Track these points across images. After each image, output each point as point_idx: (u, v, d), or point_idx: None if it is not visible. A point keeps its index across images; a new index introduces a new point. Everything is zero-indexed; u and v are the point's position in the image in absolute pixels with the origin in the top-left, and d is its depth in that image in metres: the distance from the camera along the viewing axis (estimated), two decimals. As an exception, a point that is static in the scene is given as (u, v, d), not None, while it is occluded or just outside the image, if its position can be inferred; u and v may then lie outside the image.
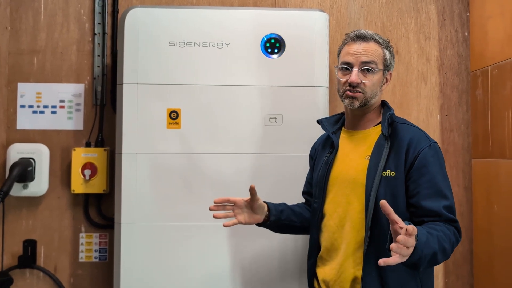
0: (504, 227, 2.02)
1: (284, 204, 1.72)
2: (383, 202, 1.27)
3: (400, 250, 1.22)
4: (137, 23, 2.00)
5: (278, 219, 1.65)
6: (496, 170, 2.09)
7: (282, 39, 2.02)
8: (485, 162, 2.19)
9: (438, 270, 2.32)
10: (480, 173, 2.23)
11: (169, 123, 1.99)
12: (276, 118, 2.01)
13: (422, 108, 2.35)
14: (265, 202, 1.65)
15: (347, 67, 1.56)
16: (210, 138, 1.99)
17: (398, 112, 2.33)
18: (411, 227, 1.23)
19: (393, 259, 1.23)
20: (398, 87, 2.35)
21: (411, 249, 1.24)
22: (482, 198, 2.21)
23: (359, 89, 1.54)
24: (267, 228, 1.68)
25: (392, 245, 1.22)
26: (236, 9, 2.08)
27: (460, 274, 2.32)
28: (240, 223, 1.58)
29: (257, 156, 2.00)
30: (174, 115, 1.99)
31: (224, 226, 1.56)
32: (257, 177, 1.98)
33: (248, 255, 1.99)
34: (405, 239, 1.22)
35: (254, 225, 1.64)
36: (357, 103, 1.55)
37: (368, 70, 1.54)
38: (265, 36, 2.02)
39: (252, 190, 1.57)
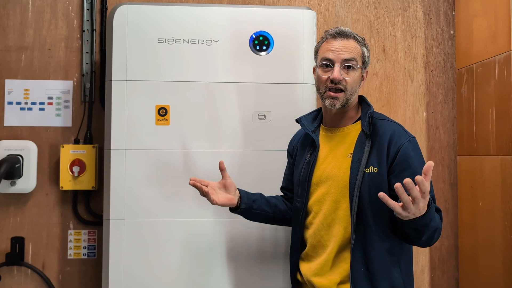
0: (488, 222, 2.06)
1: (260, 194, 1.75)
2: (381, 194, 1.28)
3: (412, 190, 1.25)
4: (125, 20, 2.00)
5: (250, 207, 1.69)
6: (481, 166, 2.13)
7: (270, 36, 2.04)
8: (470, 159, 2.22)
9: (424, 265, 2.35)
10: (465, 169, 2.27)
11: (158, 120, 2.00)
12: (264, 115, 2.03)
13: (409, 105, 2.38)
14: (238, 189, 1.69)
15: (328, 64, 1.56)
16: (199, 135, 2.00)
17: (384, 110, 2.36)
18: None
19: (397, 207, 1.28)
20: (385, 84, 2.37)
21: (415, 209, 1.28)
22: (467, 194, 2.25)
23: (341, 86, 1.55)
24: (240, 214, 1.71)
25: (397, 184, 1.26)
26: (225, 6, 2.09)
27: (445, 268, 2.36)
28: (214, 203, 1.61)
29: (246, 153, 2.01)
30: (162, 112, 2.00)
31: (192, 185, 1.63)
32: (245, 174, 1.99)
33: (238, 251, 2.00)
34: (422, 182, 1.25)
35: (230, 213, 1.71)
36: (338, 104, 1.56)
37: (349, 67, 1.55)
38: (254, 34, 2.03)
39: (221, 165, 1.65)
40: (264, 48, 2.03)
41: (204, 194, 1.62)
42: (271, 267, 2.01)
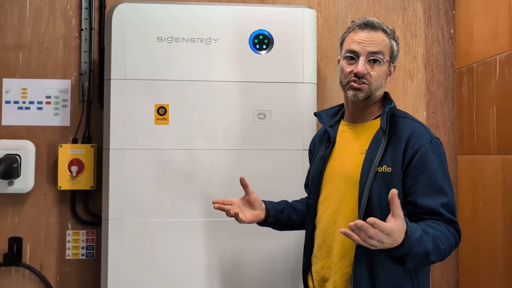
0: (489, 222, 2.05)
1: (285, 202, 1.68)
2: (394, 191, 1.19)
3: (359, 233, 1.16)
4: (124, 18, 1.98)
5: (278, 219, 1.62)
6: (481, 166, 2.12)
7: (270, 35, 2.03)
8: (471, 158, 2.22)
9: (424, 265, 2.34)
10: (466, 169, 2.26)
11: (157, 119, 1.98)
12: (264, 114, 2.02)
13: (409, 105, 2.37)
14: (263, 201, 1.62)
15: (353, 56, 1.46)
16: (199, 134, 1.99)
17: (385, 109, 2.35)
18: (378, 223, 1.16)
19: (354, 238, 1.17)
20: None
21: (379, 244, 1.18)
22: (467, 194, 2.24)
23: (364, 80, 1.45)
24: (269, 227, 1.64)
25: (351, 224, 1.16)
26: (224, 5, 2.08)
27: (445, 269, 2.35)
28: (242, 222, 1.53)
29: (245, 152, 2.00)
30: (162, 111, 1.99)
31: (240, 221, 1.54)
32: (245, 173, 1.96)
33: (239, 252, 1.99)
34: (363, 225, 1.15)
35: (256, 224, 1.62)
36: (361, 95, 1.46)
37: (375, 60, 1.45)
38: (254, 32, 2.02)
39: (242, 181, 1.55)
40: (264, 47, 2.02)
41: (232, 215, 1.52)
42: (274, 268, 1.99)
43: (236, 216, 1.52)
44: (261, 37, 2.02)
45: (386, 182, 1.40)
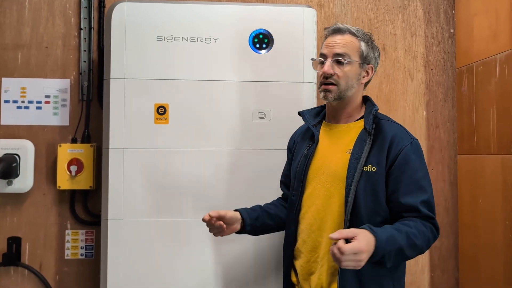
0: (489, 222, 2.05)
1: (259, 207, 1.73)
2: (332, 236, 1.33)
3: (336, 259, 1.31)
4: (124, 17, 1.98)
5: (254, 227, 1.68)
6: (481, 165, 2.12)
7: (270, 34, 2.02)
8: (470, 158, 2.22)
9: (424, 265, 2.34)
10: (466, 168, 2.26)
11: (157, 119, 1.98)
12: (264, 114, 2.01)
13: (409, 104, 2.37)
14: (238, 210, 1.67)
15: (323, 60, 1.58)
16: (198, 134, 1.98)
17: (384, 108, 2.35)
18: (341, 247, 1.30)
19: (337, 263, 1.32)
20: (385, 83, 2.36)
21: (360, 263, 1.31)
22: (467, 193, 2.24)
23: (332, 81, 1.55)
24: (246, 234, 1.70)
25: (331, 251, 1.31)
26: (224, 4, 2.07)
27: (445, 268, 2.35)
28: (222, 235, 1.63)
29: (245, 152, 2.00)
30: (161, 110, 1.98)
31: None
32: (245, 173, 1.98)
33: (238, 252, 1.98)
34: (335, 254, 1.30)
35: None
36: (331, 96, 1.56)
37: (340, 61, 1.55)
38: (253, 32, 2.02)
39: (209, 221, 1.60)
40: (264, 46, 2.02)
41: (222, 231, 1.61)
42: (268, 267, 2.00)
43: (219, 235, 1.63)
44: (261, 36, 2.02)
45: (371, 181, 1.49)
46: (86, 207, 2.24)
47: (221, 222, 1.58)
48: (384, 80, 2.36)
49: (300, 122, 1.85)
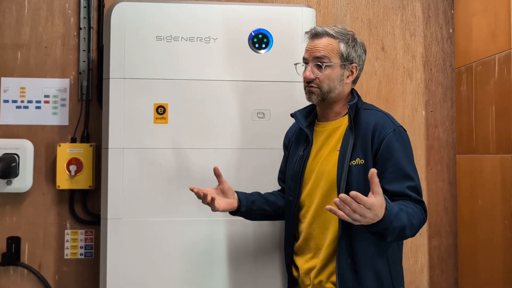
0: (488, 221, 2.05)
1: (258, 193, 1.76)
2: (373, 171, 1.31)
3: (343, 207, 1.28)
4: (123, 17, 1.98)
5: (250, 209, 1.70)
6: (480, 165, 2.12)
7: (269, 34, 2.02)
8: (469, 158, 2.22)
9: (423, 264, 2.34)
10: (465, 168, 2.26)
11: (156, 118, 1.98)
12: (263, 113, 2.02)
13: (408, 104, 2.37)
14: (236, 191, 1.69)
15: (305, 64, 1.63)
16: (198, 133, 1.98)
17: (383, 108, 2.33)
18: (359, 197, 1.28)
19: (339, 213, 1.29)
20: (384, 83, 2.37)
21: (361, 218, 1.30)
22: (466, 193, 2.24)
23: (314, 85, 1.59)
24: (240, 216, 1.72)
25: (336, 200, 1.28)
26: (224, 4, 2.07)
27: (445, 268, 2.35)
28: (216, 210, 1.61)
29: (245, 151, 2.00)
30: (161, 110, 1.98)
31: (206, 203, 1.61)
32: (245, 172, 1.98)
33: (236, 250, 1.99)
34: (346, 199, 1.27)
35: (228, 213, 1.70)
36: (314, 98, 1.60)
37: (319, 65, 1.58)
38: (253, 31, 2.02)
39: (216, 171, 1.65)
40: (263, 46, 2.02)
41: (209, 201, 1.59)
42: (269, 266, 2.00)
43: (211, 203, 1.59)
44: (260, 36, 2.02)
45: (361, 174, 1.51)
46: (86, 207, 2.24)
47: (208, 193, 1.59)
48: (383, 80, 2.37)
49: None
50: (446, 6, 2.40)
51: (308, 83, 1.60)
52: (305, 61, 1.63)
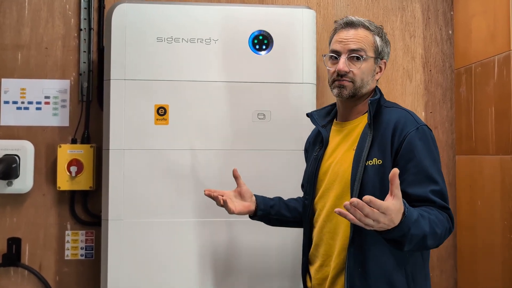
0: (488, 222, 2.06)
1: (278, 198, 1.69)
2: (395, 171, 1.16)
3: (354, 212, 1.14)
4: (124, 18, 1.98)
5: (267, 214, 1.63)
6: (480, 166, 2.13)
7: (270, 35, 2.03)
8: (469, 158, 2.23)
9: (423, 264, 2.35)
10: (464, 169, 2.27)
11: (157, 119, 1.98)
12: (264, 115, 2.02)
13: (407, 105, 2.38)
14: (256, 195, 1.64)
15: (336, 56, 1.50)
16: (198, 135, 1.99)
17: (383, 109, 2.35)
18: (373, 200, 1.14)
19: (349, 217, 1.15)
20: (384, 84, 2.37)
21: (375, 223, 1.15)
22: (466, 194, 2.25)
23: (347, 78, 1.47)
24: (259, 220, 1.66)
25: (346, 203, 1.15)
26: (224, 5, 2.08)
27: (444, 268, 2.36)
28: (232, 212, 1.54)
29: (245, 153, 2.00)
30: (162, 111, 1.98)
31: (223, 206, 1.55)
32: (245, 174, 1.96)
33: (238, 252, 1.99)
34: (358, 203, 1.13)
35: (248, 217, 1.64)
36: (345, 93, 1.48)
37: (357, 58, 1.47)
38: (253, 33, 2.02)
39: (234, 173, 1.60)
40: (264, 47, 2.02)
41: (222, 204, 1.53)
42: (274, 270, 1.99)
43: (225, 205, 1.53)
44: (260, 37, 2.03)
45: (378, 175, 1.40)
46: (86, 208, 2.24)
47: (221, 197, 1.53)
48: (383, 80, 2.37)
49: (299, 123, 1.86)
50: (446, 8, 2.41)
51: (341, 76, 1.47)
52: (336, 53, 1.49)
